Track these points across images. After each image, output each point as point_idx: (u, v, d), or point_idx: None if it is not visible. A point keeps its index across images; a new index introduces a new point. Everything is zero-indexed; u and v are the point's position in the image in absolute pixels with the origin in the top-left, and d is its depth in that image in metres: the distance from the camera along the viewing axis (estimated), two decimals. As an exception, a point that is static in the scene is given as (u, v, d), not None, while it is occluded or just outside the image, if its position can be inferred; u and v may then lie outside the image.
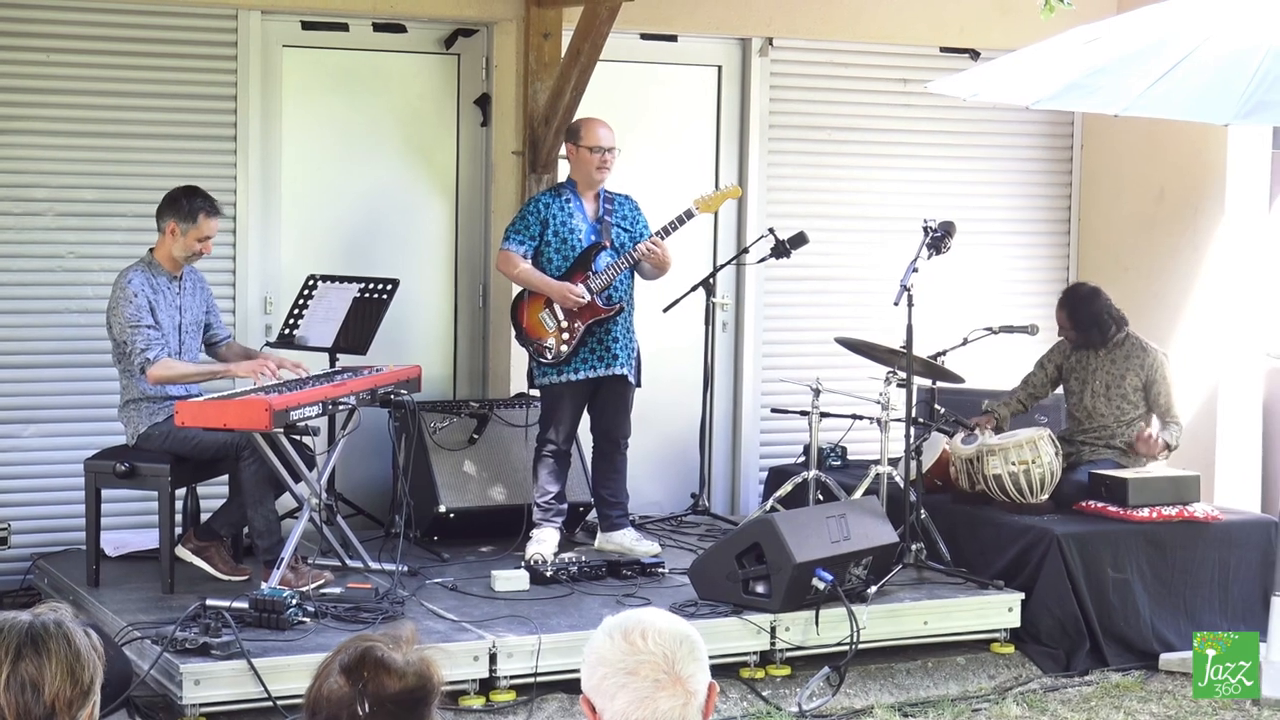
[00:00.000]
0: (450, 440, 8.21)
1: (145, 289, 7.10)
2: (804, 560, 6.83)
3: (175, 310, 7.23)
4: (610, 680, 2.77)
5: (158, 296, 7.15)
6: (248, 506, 7.03)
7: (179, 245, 7.19)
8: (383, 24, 8.60)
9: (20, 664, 2.66)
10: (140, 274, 7.14)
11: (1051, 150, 9.97)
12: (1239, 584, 7.81)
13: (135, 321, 7.03)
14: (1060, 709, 6.92)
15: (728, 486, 9.36)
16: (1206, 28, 6.12)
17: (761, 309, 9.32)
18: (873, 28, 9.34)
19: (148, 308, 7.07)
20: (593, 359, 7.72)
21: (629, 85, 8.96)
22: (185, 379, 7.16)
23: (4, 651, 2.67)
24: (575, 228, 7.72)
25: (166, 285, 7.21)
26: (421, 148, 8.80)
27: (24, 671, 2.66)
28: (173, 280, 7.24)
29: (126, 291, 7.08)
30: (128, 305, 7.05)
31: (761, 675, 6.91)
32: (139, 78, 8.11)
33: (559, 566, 7.38)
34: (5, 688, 2.65)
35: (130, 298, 7.06)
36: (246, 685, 6.09)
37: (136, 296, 7.06)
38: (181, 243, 7.19)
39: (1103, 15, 7.96)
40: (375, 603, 6.77)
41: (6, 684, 2.65)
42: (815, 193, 9.37)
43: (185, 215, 7.18)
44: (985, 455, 7.93)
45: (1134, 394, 8.17)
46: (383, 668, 2.67)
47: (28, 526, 7.95)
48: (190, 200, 7.21)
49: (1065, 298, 8.46)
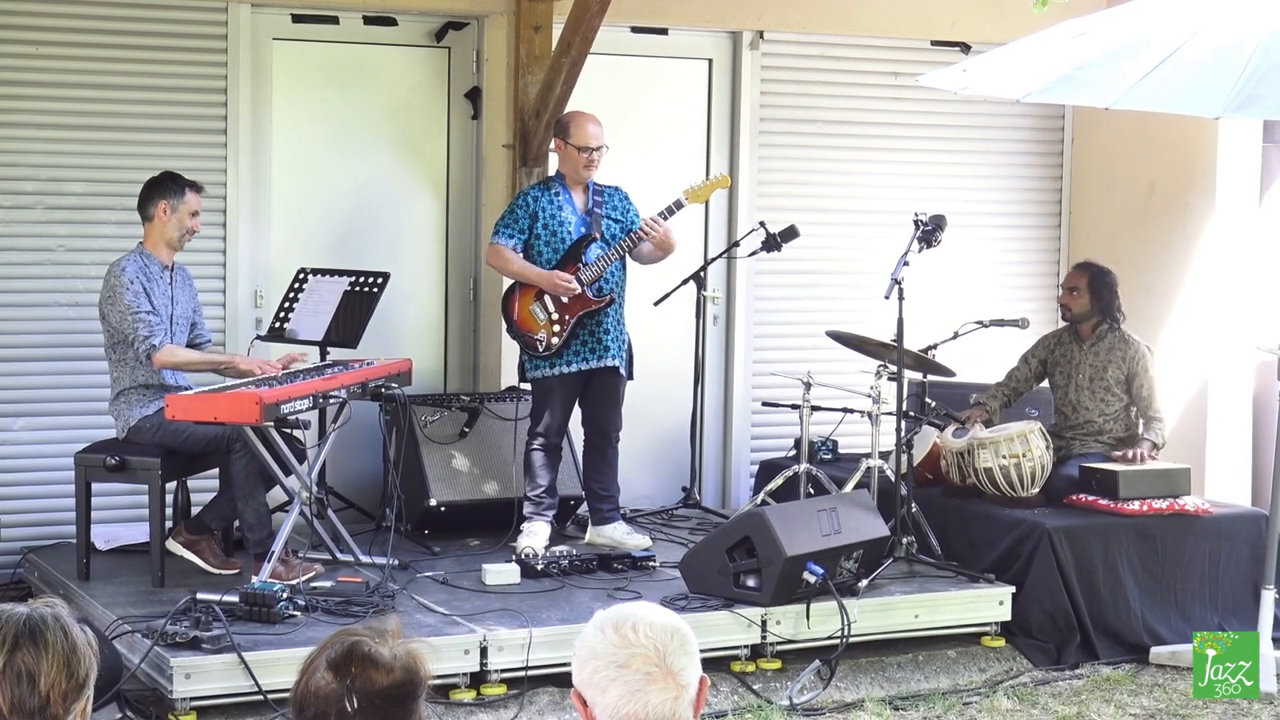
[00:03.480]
0: (441, 434, 8.21)
1: (140, 276, 7.09)
2: (795, 554, 6.83)
3: (168, 300, 7.21)
4: (601, 674, 2.77)
5: (152, 284, 7.14)
6: (238, 500, 7.02)
7: (172, 224, 7.18)
8: (373, 17, 8.59)
9: (16, 655, 2.66)
10: (133, 263, 7.13)
11: (1042, 144, 9.97)
12: (1229, 577, 7.82)
13: (135, 308, 7.01)
14: (1051, 702, 6.93)
15: (719, 480, 9.36)
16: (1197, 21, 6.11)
17: (752, 302, 9.32)
18: (864, 21, 9.35)
19: (144, 294, 7.05)
20: (584, 351, 7.71)
21: (620, 78, 8.96)
22: (190, 366, 7.16)
23: (0, 642, 2.66)
24: (565, 220, 7.71)
25: (159, 274, 7.20)
26: (412, 141, 8.80)
27: (20, 662, 2.65)
28: (164, 270, 7.23)
29: (122, 279, 7.06)
30: (125, 292, 7.03)
31: (752, 669, 6.91)
32: (129, 70, 8.10)
33: (550, 560, 7.38)
34: (1, 677, 2.64)
35: (127, 284, 7.04)
36: (237, 679, 6.08)
37: (133, 283, 7.04)
38: (174, 220, 7.18)
39: (1094, 9, 7.97)
40: (366, 596, 6.76)
41: (2, 674, 2.64)
42: (806, 186, 9.37)
43: (172, 193, 7.19)
44: (976, 449, 7.94)
45: (1116, 386, 8.18)
46: (370, 662, 2.66)
47: (17, 520, 7.94)
48: (174, 179, 7.25)
49: (1088, 265, 8.36)
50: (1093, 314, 8.26)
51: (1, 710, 2.65)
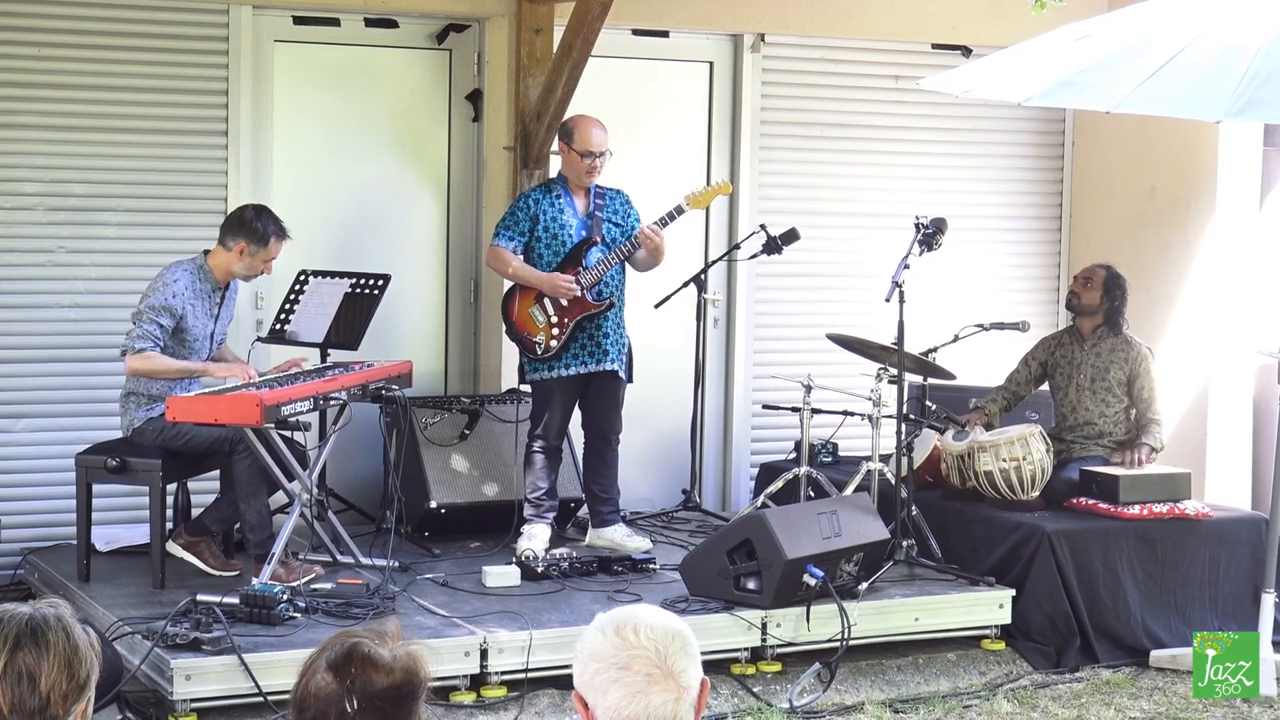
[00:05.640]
0: (441, 436, 8.21)
1: (186, 293, 7.04)
2: (795, 556, 6.83)
3: (210, 319, 7.18)
4: (602, 675, 2.77)
5: (197, 301, 7.09)
6: (240, 501, 7.02)
7: (242, 264, 7.15)
8: (374, 19, 8.59)
9: (18, 655, 2.65)
10: (188, 276, 7.08)
11: (1043, 147, 9.98)
12: (1229, 581, 7.82)
13: (154, 315, 6.98)
14: (1051, 705, 6.93)
15: (719, 482, 9.36)
16: (1198, 25, 6.11)
17: (753, 305, 9.32)
18: (865, 24, 9.35)
19: (177, 313, 6.99)
20: (584, 354, 7.71)
21: (621, 81, 8.96)
22: (161, 374, 7.06)
23: (2, 641, 2.66)
24: (566, 223, 7.71)
25: (209, 294, 7.16)
26: (413, 143, 8.80)
27: (21, 662, 2.65)
28: (215, 290, 7.20)
29: (168, 289, 7.00)
30: (159, 295, 6.99)
31: (752, 671, 6.91)
32: (130, 72, 8.10)
33: (550, 562, 7.38)
34: (2, 677, 2.64)
35: (168, 295, 6.99)
36: (237, 680, 6.08)
37: (174, 298, 6.99)
38: (247, 263, 7.14)
39: (1094, 12, 7.97)
40: (366, 598, 6.77)
41: (3, 673, 2.64)
42: (807, 189, 9.37)
43: (258, 238, 7.12)
44: (976, 452, 7.94)
45: (1118, 388, 8.18)
46: (370, 663, 2.66)
47: (18, 521, 7.94)
48: (264, 223, 7.15)
49: (1108, 265, 8.34)
50: (1097, 310, 8.26)
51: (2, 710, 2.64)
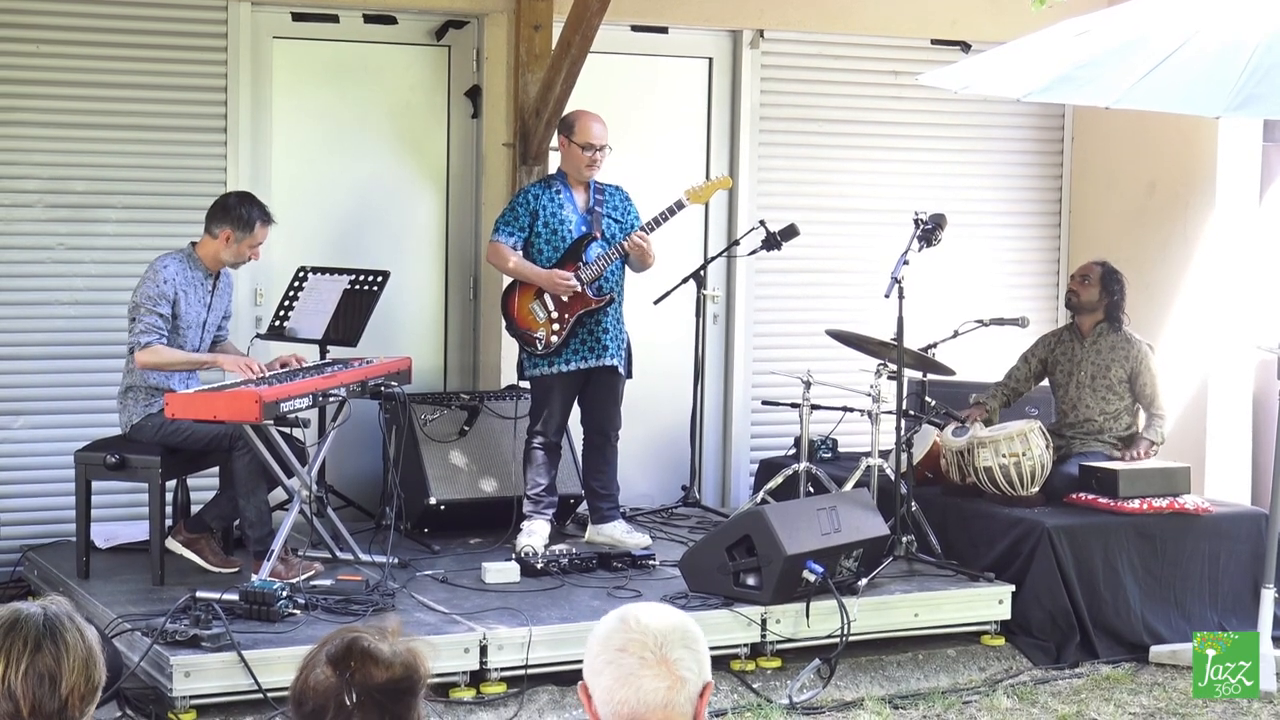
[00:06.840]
0: (440, 432, 8.21)
1: (177, 279, 7.06)
2: (795, 552, 6.83)
3: (204, 308, 7.19)
4: (599, 658, 2.79)
5: (189, 289, 7.11)
6: (240, 497, 7.01)
7: (230, 251, 7.15)
8: (373, 15, 8.59)
9: (39, 656, 2.64)
10: (177, 263, 7.10)
11: (1042, 143, 9.97)
12: (1229, 576, 7.82)
13: (151, 306, 6.99)
14: (1051, 701, 6.93)
15: (718, 479, 9.36)
16: (1197, 20, 6.11)
17: (752, 301, 9.32)
18: (864, 20, 9.35)
19: (170, 299, 7.01)
20: (583, 350, 7.71)
21: (620, 77, 8.96)
22: (171, 367, 7.09)
23: (23, 643, 2.64)
24: (565, 219, 7.71)
25: (201, 281, 7.16)
26: (412, 139, 8.79)
27: (42, 664, 2.64)
28: (207, 278, 7.20)
29: (158, 276, 7.02)
30: (151, 285, 7.01)
31: (752, 667, 6.91)
32: (129, 69, 8.10)
33: (549, 559, 7.38)
34: (23, 678, 2.63)
35: (159, 283, 7.01)
36: (237, 677, 6.08)
37: (165, 284, 7.00)
38: (234, 250, 7.15)
39: (1093, 8, 7.96)
40: (365, 595, 6.76)
41: (25, 675, 2.63)
42: (806, 185, 9.37)
43: (242, 224, 7.12)
44: (976, 448, 7.94)
45: (1119, 385, 8.18)
46: (370, 658, 2.67)
47: (17, 518, 7.95)
48: (247, 209, 7.15)
49: (1104, 262, 8.33)
50: (1097, 307, 8.26)
51: (21, 712, 2.63)
